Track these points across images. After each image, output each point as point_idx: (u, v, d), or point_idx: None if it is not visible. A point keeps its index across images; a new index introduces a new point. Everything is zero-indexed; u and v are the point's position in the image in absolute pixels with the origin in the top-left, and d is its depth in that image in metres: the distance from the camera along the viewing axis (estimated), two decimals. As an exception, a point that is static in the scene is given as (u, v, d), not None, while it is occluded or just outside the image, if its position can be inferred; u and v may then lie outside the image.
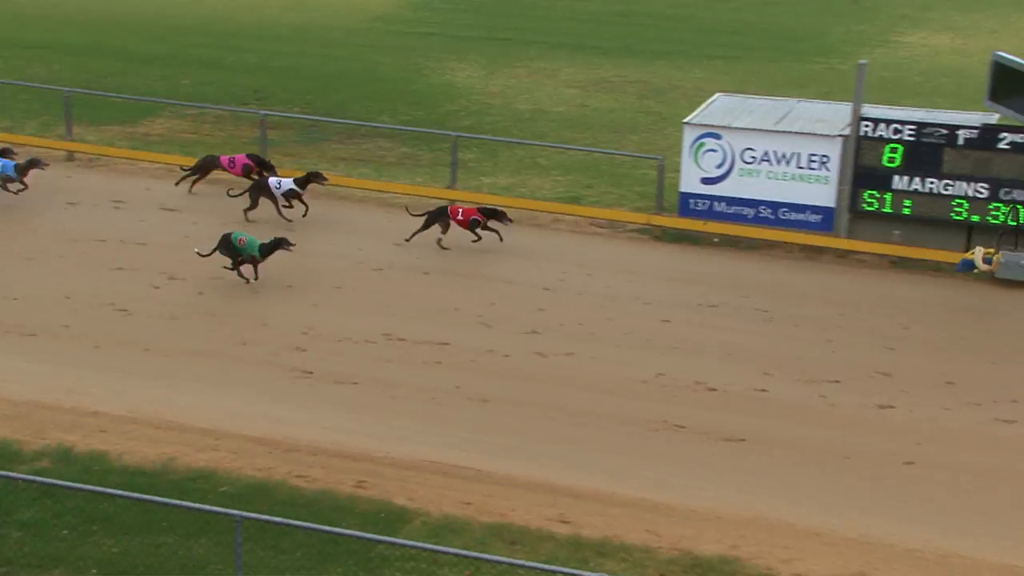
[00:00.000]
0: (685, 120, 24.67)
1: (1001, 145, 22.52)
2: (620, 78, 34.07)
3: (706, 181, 24.44)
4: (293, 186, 24.18)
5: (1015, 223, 22.40)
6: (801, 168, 23.88)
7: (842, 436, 17.70)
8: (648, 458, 17.15)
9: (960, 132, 22.76)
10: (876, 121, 23.22)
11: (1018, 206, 22.43)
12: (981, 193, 22.69)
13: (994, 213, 22.60)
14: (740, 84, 32.32)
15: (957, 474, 16.79)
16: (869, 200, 23.37)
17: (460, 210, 23.61)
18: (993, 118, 23.45)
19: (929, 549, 15.20)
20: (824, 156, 23.67)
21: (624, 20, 40.27)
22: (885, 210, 23.30)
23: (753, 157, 24.16)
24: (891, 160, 23.14)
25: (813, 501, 16.20)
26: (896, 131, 23.09)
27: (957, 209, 22.88)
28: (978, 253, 22.09)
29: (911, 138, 22.98)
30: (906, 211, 23.19)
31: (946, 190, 22.91)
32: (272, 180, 24.34)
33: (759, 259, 23.72)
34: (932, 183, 22.96)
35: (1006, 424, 18.01)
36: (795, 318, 21.28)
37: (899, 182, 23.16)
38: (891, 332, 20.84)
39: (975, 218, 22.80)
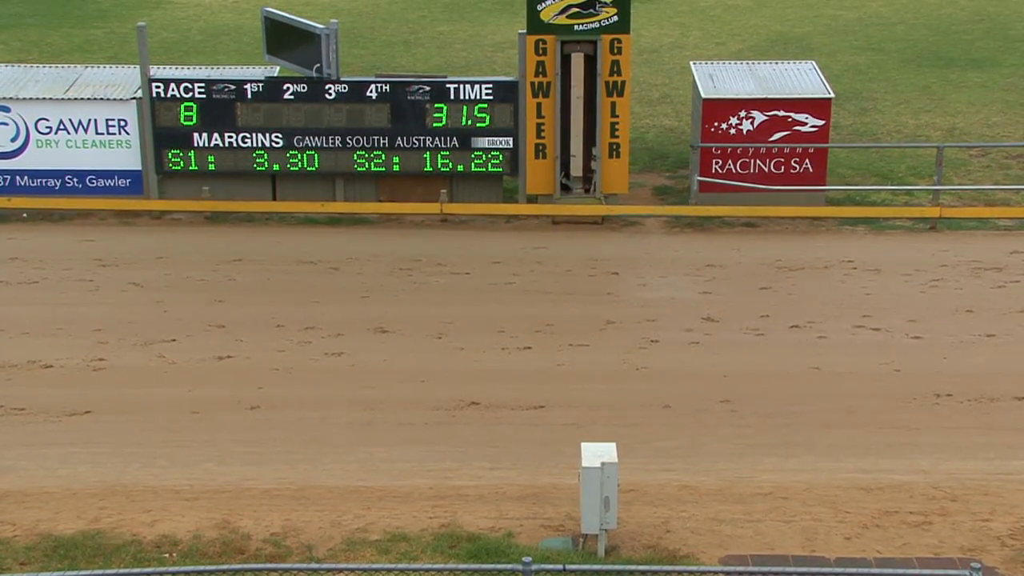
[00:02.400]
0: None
1: (287, 96, 23.53)
2: None
3: (3, 156, 23.64)
4: None
5: None
6: (100, 134, 23.69)
7: (187, 392, 17.96)
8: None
9: (248, 87, 23.52)
10: (166, 82, 23.48)
11: None
12: (277, 143, 23.63)
13: (293, 162, 23.64)
14: (19, 54, 31.24)
15: (299, 411, 17.50)
16: (174, 160, 23.65)
17: None
18: (275, 71, 24.42)
19: (284, 486, 15.75)
20: (121, 120, 23.63)
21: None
22: (191, 168, 23.70)
23: (49, 127, 23.67)
24: (188, 119, 23.52)
25: (170, 460, 16.31)
26: (187, 90, 23.49)
27: (259, 160, 23.71)
28: None
29: (203, 96, 23.46)
30: (211, 167, 23.72)
31: (244, 143, 23.64)
32: None
33: (73, 229, 23.33)
34: (231, 138, 23.61)
35: (335, 357, 19.03)
36: (121, 284, 21.25)
37: (199, 140, 23.61)
38: (219, 285, 21.32)
39: (276, 167, 23.73)
